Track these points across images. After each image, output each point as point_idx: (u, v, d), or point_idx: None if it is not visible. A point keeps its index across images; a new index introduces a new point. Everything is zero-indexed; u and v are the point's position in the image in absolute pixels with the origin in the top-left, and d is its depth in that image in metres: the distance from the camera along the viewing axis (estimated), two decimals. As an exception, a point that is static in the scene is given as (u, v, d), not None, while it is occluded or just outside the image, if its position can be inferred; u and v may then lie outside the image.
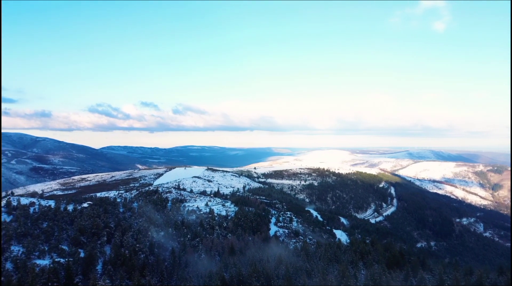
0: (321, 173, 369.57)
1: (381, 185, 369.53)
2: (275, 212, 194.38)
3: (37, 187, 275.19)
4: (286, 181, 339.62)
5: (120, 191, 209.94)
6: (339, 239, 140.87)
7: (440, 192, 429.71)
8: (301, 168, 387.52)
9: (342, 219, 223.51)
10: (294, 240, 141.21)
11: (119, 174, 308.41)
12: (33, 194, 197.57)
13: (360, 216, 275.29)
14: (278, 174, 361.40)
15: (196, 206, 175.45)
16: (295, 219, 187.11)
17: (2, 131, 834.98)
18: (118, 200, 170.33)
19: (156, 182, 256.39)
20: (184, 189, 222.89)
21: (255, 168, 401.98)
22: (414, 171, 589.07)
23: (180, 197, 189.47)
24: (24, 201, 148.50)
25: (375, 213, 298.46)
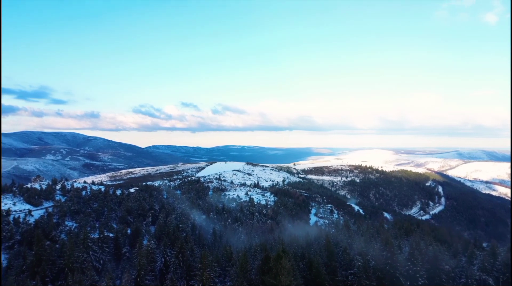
0: (363, 170, 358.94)
1: (427, 184, 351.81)
2: (315, 204, 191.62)
3: (89, 179, 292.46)
4: (326, 177, 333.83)
5: (164, 181, 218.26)
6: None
7: (493, 193, 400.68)
8: (342, 165, 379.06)
9: (386, 214, 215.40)
10: (334, 231, 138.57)
11: (163, 168, 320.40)
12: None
13: (404, 213, 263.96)
14: (318, 171, 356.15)
15: (236, 194, 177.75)
16: (335, 211, 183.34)
17: (58, 130, 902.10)
18: (162, 187, 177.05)
19: (198, 175, 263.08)
20: (224, 180, 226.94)
21: (294, 164, 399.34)
22: (465, 172, 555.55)
23: (220, 187, 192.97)
24: (77, 185, 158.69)
25: (421, 211, 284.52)
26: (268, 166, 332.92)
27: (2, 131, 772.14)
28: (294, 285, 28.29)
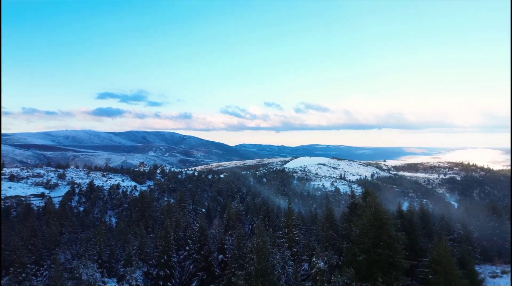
0: (464, 168, 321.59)
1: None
2: (408, 199, 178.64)
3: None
4: (421, 174, 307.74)
5: (251, 171, 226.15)
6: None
7: None
8: (440, 162, 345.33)
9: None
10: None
11: (250, 162, 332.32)
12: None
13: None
14: (412, 167, 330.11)
15: (321, 184, 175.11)
16: (431, 207, 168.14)
17: (158, 130, 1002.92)
18: (249, 175, 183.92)
19: (283, 166, 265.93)
20: (309, 172, 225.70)
21: (384, 161, 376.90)
22: None
23: (305, 177, 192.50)
24: (174, 169, 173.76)
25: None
26: (355, 161, 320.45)
27: (114, 131, 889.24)
28: (384, 217, 26.79)
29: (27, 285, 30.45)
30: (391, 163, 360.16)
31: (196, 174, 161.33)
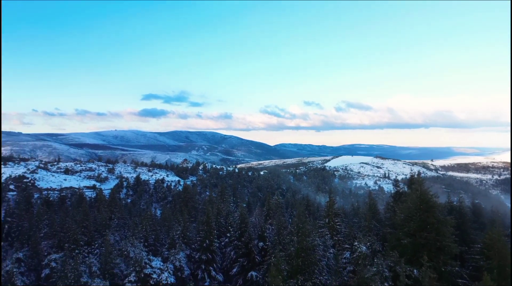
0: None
1: None
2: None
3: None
4: (472, 175, 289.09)
5: (291, 169, 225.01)
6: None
7: None
8: (493, 162, 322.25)
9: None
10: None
11: (290, 161, 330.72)
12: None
13: None
14: (462, 167, 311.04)
15: (364, 183, 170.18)
16: (484, 207, 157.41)
17: (200, 130, 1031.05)
18: (289, 172, 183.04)
19: (324, 165, 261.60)
20: (351, 170, 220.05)
21: (432, 160, 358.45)
22: None
23: (347, 175, 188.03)
24: (216, 166, 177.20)
25: None
26: (400, 161, 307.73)
27: (158, 131, 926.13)
28: (431, 200, 25.50)
29: (80, 258, 32.59)
30: (439, 163, 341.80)
31: (236, 170, 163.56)
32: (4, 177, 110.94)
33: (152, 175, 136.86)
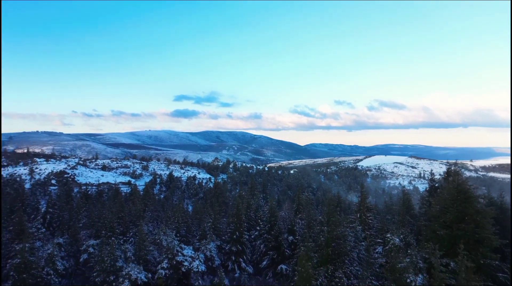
0: None
1: None
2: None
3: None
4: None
5: (322, 168, 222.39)
6: None
7: None
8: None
9: None
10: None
11: (320, 160, 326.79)
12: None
13: None
14: (505, 168, 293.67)
15: (398, 182, 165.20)
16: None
17: (230, 130, 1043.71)
18: (319, 171, 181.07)
19: (356, 164, 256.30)
20: (384, 170, 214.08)
21: (471, 160, 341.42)
22: None
23: (380, 175, 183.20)
24: (246, 164, 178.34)
25: None
26: (436, 161, 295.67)
27: (190, 131, 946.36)
28: (469, 190, 24.37)
29: (116, 243, 34.02)
30: (479, 163, 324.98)
31: (266, 169, 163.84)
32: (46, 172, 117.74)
33: (184, 172, 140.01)
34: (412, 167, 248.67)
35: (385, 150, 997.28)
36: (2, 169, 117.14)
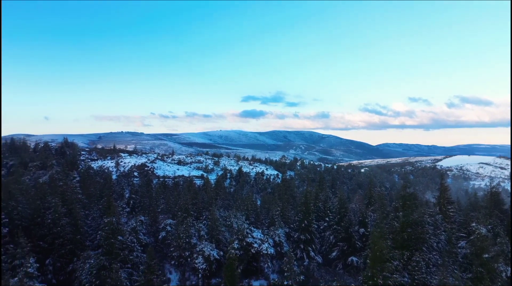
0: None
1: None
2: None
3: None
4: None
5: (395, 168, 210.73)
6: None
7: None
8: None
9: None
10: None
11: (394, 160, 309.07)
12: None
13: None
14: None
15: (483, 184, 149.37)
16: None
17: (298, 130, 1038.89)
18: (393, 171, 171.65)
19: (434, 164, 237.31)
20: (467, 170, 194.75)
21: None
22: None
23: (462, 175, 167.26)
24: (313, 163, 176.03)
25: None
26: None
27: (258, 131, 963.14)
28: None
29: (191, 221, 36.10)
30: None
31: (335, 167, 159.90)
32: (129, 165, 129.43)
33: (252, 168, 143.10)
34: (501, 168, 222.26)
35: (468, 150, 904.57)
36: (93, 162, 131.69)
